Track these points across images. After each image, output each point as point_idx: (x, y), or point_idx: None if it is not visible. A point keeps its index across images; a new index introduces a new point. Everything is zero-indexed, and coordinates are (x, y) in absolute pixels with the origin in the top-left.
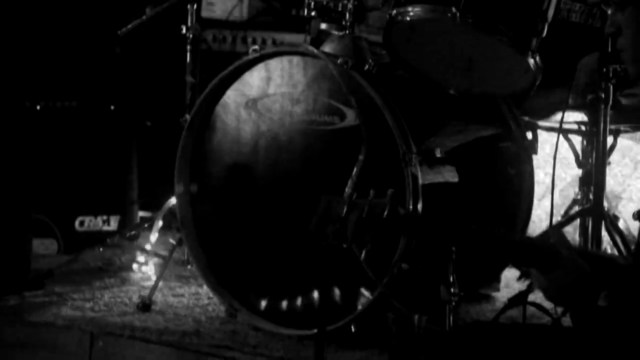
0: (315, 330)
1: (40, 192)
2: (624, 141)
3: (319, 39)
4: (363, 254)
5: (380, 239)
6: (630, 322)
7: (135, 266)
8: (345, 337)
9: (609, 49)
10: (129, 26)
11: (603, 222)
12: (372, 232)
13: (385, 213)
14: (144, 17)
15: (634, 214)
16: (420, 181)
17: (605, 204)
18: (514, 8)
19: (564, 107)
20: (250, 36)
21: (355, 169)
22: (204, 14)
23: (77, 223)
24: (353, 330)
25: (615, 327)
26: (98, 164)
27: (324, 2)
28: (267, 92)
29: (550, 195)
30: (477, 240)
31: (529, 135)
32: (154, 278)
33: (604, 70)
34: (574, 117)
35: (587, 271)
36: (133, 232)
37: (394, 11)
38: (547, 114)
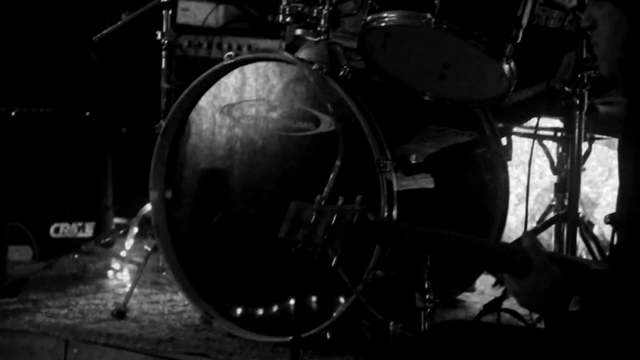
0: (291, 338)
1: (15, 198)
2: (599, 147)
3: (294, 45)
4: (334, 261)
5: (351, 246)
6: (602, 326)
7: (110, 273)
8: (320, 344)
9: (584, 54)
10: (104, 32)
11: (578, 229)
12: (342, 239)
13: (355, 219)
14: (119, 22)
15: (605, 217)
16: (395, 187)
17: (580, 210)
18: (489, 14)
19: (539, 113)
20: (226, 42)
21: (331, 175)
22: (180, 19)
23: (52, 230)
24: (328, 337)
25: (587, 331)
26: (73, 170)
27: (299, 8)
28: (243, 98)
29: (525, 201)
30: (451, 247)
31: (504, 141)
32: (129, 285)
33: (579, 75)
34: (550, 123)
35: (559, 277)
36: (108, 239)
37: (369, 17)
38: (522, 119)
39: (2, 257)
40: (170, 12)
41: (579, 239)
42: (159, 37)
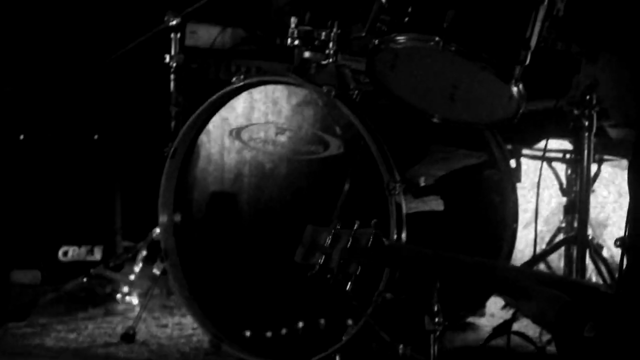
0: None
1: (23, 221)
2: (608, 168)
3: (303, 67)
4: (349, 285)
5: (365, 269)
6: (616, 352)
7: (119, 296)
8: None
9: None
10: (114, 55)
11: (587, 251)
12: (357, 262)
13: (370, 243)
14: (128, 46)
15: (616, 240)
16: (404, 210)
17: (590, 232)
18: (497, 36)
19: (548, 135)
20: (234, 64)
21: (340, 198)
22: (188, 42)
23: (60, 253)
24: None
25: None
26: (82, 193)
27: (307, 31)
28: (251, 120)
29: (534, 223)
30: (461, 270)
31: (513, 163)
32: (137, 309)
33: (587, 97)
34: (559, 144)
35: (566, 301)
36: (117, 262)
37: (377, 40)
38: (531, 140)
39: (5, 280)
40: (178, 35)
41: (588, 261)
42: (167, 60)
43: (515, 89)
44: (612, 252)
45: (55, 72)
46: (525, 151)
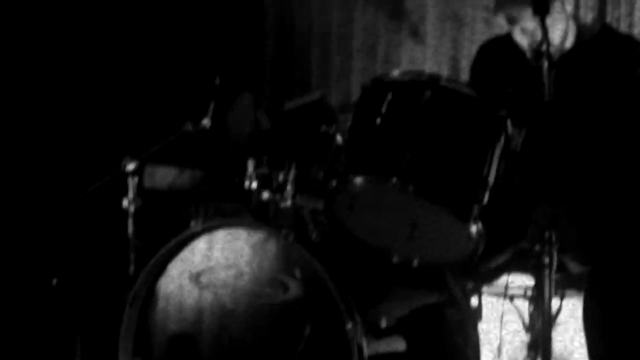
0: None
1: None
2: (570, 303)
3: (261, 209)
4: None
5: None
6: None
7: None
8: None
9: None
10: (71, 200)
11: None
12: None
13: None
14: (86, 191)
15: None
16: (365, 352)
17: None
18: (454, 175)
19: (509, 272)
20: (193, 206)
21: (301, 343)
22: (146, 184)
23: None
24: None
25: None
26: (40, 340)
27: (265, 173)
28: (211, 264)
29: None
30: None
31: (474, 301)
32: None
33: (547, 234)
34: (520, 280)
35: None
36: None
37: (335, 181)
38: (492, 278)
39: None
40: (136, 179)
41: None
42: (125, 204)
43: (474, 228)
44: None
45: (13, 215)
46: (486, 288)
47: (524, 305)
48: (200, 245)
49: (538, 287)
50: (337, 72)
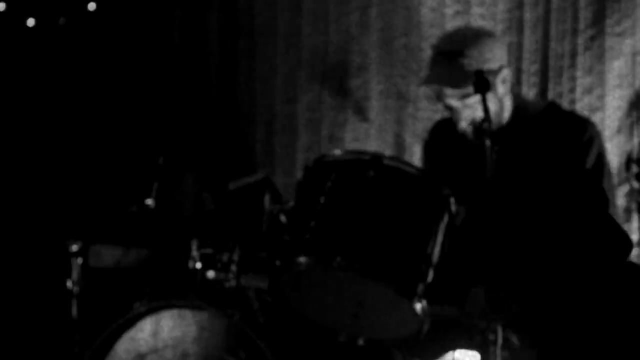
0: None
1: None
2: None
3: (206, 289)
4: None
5: None
6: None
7: None
8: None
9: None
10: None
11: None
12: None
13: None
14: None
15: None
16: None
17: None
18: (398, 254)
19: (454, 348)
20: (139, 285)
21: None
22: (92, 263)
23: None
24: None
25: None
26: None
27: (210, 253)
28: (157, 345)
29: None
30: None
31: None
32: None
33: (492, 310)
34: (467, 357)
35: None
36: None
37: (279, 261)
38: (438, 355)
39: None
40: (81, 260)
41: None
42: (69, 285)
43: (418, 306)
44: None
45: None
46: None
47: None
48: (146, 325)
49: None
50: (281, 150)
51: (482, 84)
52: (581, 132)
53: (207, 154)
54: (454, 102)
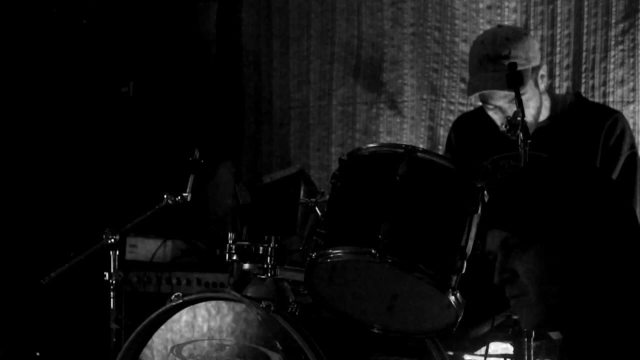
0: None
1: None
2: None
3: (242, 280)
4: None
5: None
6: None
7: None
8: None
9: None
10: (52, 274)
11: None
12: None
13: None
14: (67, 264)
15: None
16: None
17: None
18: (432, 246)
19: (488, 341)
20: (175, 277)
21: None
22: (128, 256)
23: None
24: None
25: None
26: None
27: (245, 246)
28: (192, 337)
29: None
30: None
31: None
32: None
33: None
34: (501, 349)
35: None
36: None
37: (314, 253)
38: (472, 347)
39: None
40: (117, 252)
41: None
42: (106, 277)
43: (452, 298)
44: None
45: None
46: (466, 357)
47: None
48: (181, 317)
49: (517, 355)
50: (315, 144)
51: (516, 78)
52: (613, 125)
53: (242, 147)
54: (503, 104)
